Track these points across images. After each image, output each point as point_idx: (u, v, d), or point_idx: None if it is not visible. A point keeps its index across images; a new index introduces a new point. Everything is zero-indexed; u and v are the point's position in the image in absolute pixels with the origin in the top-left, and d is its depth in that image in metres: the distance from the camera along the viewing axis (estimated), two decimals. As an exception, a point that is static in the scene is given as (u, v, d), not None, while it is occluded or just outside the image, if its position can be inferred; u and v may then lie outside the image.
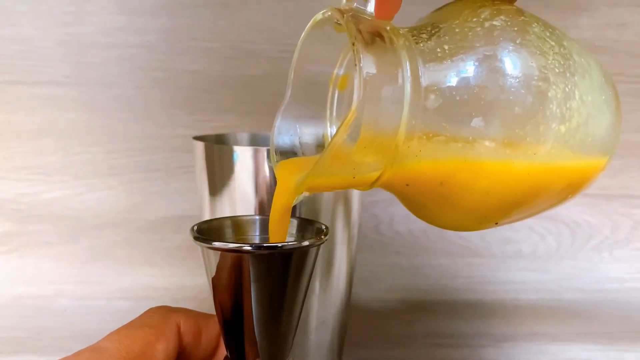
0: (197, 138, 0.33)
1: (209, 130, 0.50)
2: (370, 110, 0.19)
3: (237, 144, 0.38)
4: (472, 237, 0.54)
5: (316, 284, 0.32)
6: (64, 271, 0.51)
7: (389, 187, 0.23)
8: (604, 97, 0.23)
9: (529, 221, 0.55)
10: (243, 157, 0.30)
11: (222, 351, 0.26)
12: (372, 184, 0.22)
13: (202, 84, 0.50)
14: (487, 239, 0.54)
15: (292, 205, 0.23)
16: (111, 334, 0.23)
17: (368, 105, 0.19)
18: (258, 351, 0.23)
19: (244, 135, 0.38)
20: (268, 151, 0.30)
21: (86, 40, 0.49)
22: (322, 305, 0.33)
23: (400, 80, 0.20)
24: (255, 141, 0.38)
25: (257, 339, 0.22)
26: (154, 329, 0.23)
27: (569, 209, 0.55)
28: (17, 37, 0.49)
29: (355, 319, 0.45)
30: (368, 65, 0.19)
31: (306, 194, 0.23)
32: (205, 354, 0.26)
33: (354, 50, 0.19)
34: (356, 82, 0.19)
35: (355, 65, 0.19)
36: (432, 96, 0.20)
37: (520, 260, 0.54)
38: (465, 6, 0.22)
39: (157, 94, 0.50)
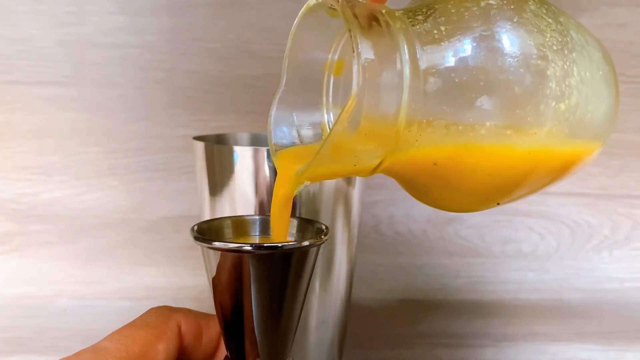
0: (197, 138, 0.33)
1: (209, 130, 0.50)
2: (370, 97, 0.19)
3: (237, 144, 0.38)
4: (472, 237, 0.54)
5: (316, 284, 0.32)
6: (64, 271, 0.51)
7: (390, 172, 0.23)
8: (601, 73, 0.23)
9: (529, 221, 0.55)
10: (243, 157, 0.30)
11: (223, 351, 0.26)
12: (373, 171, 0.22)
13: (202, 84, 0.50)
14: (487, 239, 0.54)
15: (293, 195, 0.23)
16: (112, 334, 0.23)
17: (367, 92, 0.19)
18: (258, 351, 0.23)
19: (244, 135, 0.38)
20: (268, 151, 0.30)
21: (86, 40, 0.49)
22: (322, 305, 0.33)
23: (398, 65, 0.20)
24: (255, 141, 0.38)
25: (257, 339, 0.22)
26: (154, 329, 0.23)
27: (569, 209, 0.55)
28: (17, 37, 0.49)
29: (355, 319, 0.45)
30: (366, 50, 0.19)
31: (307, 183, 0.22)
32: (205, 354, 0.26)
33: (350, 36, 0.19)
34: (354, 68, 0.19)
35: (353, 51, 0.19)
36: (431, 79, 0.20)
37: (520, 260, 0.54)
38: None
39: (157, 94, 0.50)
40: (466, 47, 0.20)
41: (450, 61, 0.20)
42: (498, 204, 0.23)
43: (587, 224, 0.55)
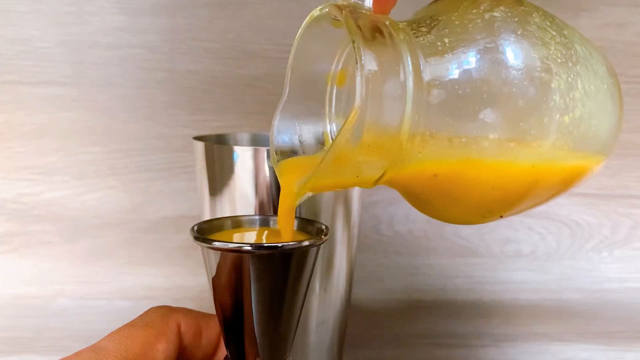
0: (197, 138, 0.33)
1: (209, 130, 0.50)
2: (372, 109, 0.19)
3: (237, 144, 0.38)
4: (472, 237, 0.54)
5: (316, 284, 0.32)
6: (64, 271, 0.51)
7: (393, 184, 0.23)
8: (605, 86, 0.23)
9: (529, 221, 0.55)
10: (243, 157, 0.30)
11: (223, 351, 0.26)
12: (375, 182, 0.22)
13: (203, 84, 0.50)
14: (487, 239, 0.54)
15: (296, 206, 0.23)
16: (111, 333, 0.23)
17: (370, 103, 0.19)
18: (258, 351, 0.23)
19: (244, 135, 0.38)
20: (268, 151, 0.30)
21: (86, 41, 0.49)
22: (322, 305, 0.33)
23: (402, 76, 0.20)
24: (255, 141, 0.38)
25: (257, 339, 0.22)
26: (154, 329, 0.23)
27: (569, 209, 0.55)
28: (17, 37, 0.49)
29: (355, 319, 0.45)
30: (369, 62, 0.19)
31: (310, 194, 0.22)
32: (205, 353, 0.26)
33: (354, 48, 0.19)
34: (357, 80, 0.19)
35: (356, 62, 0.19)
36: (435, 91, 0.20)
37: (520, 260, 0.54)
38: None
39: (157, 94, 0.50)
40: (470, 59, 0.20)
41: (454, 73, 0.20)
42: (501, 216, 0.23)
43: (587, 224, 0.55)
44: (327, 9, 0.21)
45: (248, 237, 0.26)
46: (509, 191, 0.22)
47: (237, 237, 0.25)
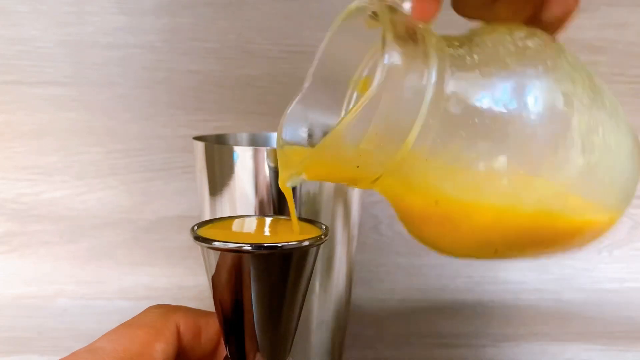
0: (197, 138, 0.33)
1: (209, 130, 0.50)
2: (387, 99, 0.19)
3: (237, 144, 0.38)
4: (472, 237, 0.54)
5: (316, 284, 0.32)
6: (64, 271, 0.51)
7: (387, 192, 0.23)
8: (626, 144, 0.22)
9: (529, 221, 0.55)
10: (243, 157, 0.30)
11: (222, 351, 0.26)
12: (373, 182, 0.22)
13: (203, 84, 0.50)
14: (487, 239, 0.54)
15: (292, 185, 0.23)
16: (108, 333, 0.23)
17: (386, 94, 0.19)
18: (258, 351, 0.23)
19: (244, 135, 0.38)
20: (268, 151, 0.30)
21: (86, 41, 0.49)
22: (322, 305, 0.33)
23: (424, 77, 0.20)
24: (255, 141, 0.38)
25: (257, 339, 0.22)
26: (152, 329, 0.23)
27: (569, 209, 0.55)
28: (17, 37, 0.49)
29: (355, 319, 0.45)
30: (394, 54, 0.19)
31: (304, 177, 0.22)
32: (205, 353, 0.26)
33: (382, 38, 0.19)
34: (379, 68, 0.19)
35: (381, 49, 0.19)
36: (454, 101, 0.20)
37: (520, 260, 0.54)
38: (502, 25, 0.22)
39: (157, 94, 0.50)
40: (494, 79, 0.20)
41: (476, 90, 0.20)
42: (496, 251, 0.22)
43: (587, 224, 0.55)
44: (366, 3, 0.21)
45: (248, 236, 0.26)
46: (510, 223, 0.21)
47: (236, 228, 0.25)
